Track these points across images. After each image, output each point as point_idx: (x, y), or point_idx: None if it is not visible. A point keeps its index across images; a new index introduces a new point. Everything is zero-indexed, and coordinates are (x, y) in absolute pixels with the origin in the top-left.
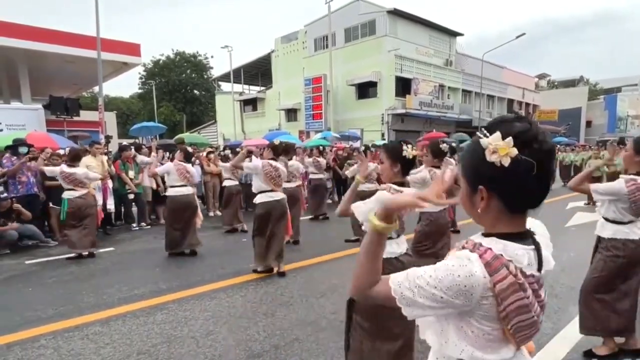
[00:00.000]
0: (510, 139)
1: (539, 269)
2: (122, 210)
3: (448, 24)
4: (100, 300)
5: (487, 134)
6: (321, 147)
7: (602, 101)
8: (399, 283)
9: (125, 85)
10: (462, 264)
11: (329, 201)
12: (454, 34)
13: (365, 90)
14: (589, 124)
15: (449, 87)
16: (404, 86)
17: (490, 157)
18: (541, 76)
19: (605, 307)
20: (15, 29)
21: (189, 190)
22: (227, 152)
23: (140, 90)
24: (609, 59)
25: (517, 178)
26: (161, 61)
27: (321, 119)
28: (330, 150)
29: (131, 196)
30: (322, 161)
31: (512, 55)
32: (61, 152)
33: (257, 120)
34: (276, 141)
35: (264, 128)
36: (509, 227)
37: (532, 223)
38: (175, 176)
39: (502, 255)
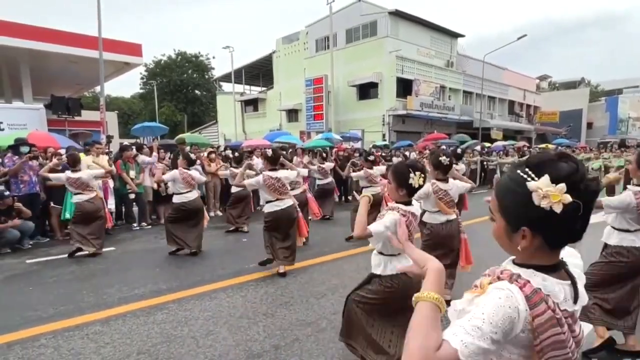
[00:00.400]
0: (563, 186)
1: (575, 302)
2: (123, 209)
3: (449, 25)
4: (101, 299)
5: (533, 176)
6: (324, 154)
7: (603, 103)
8: (454, 333)
9: (126, 85)
10: (508, 296)
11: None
12: (455, 35)
13: (366, 91)
14: (590, 125)
15: (450, 88)
16: (405, 87)
17: (541, 202)
18: (542, 78)
19: (594, 302)
20: (17, 28)
21: (194, 194)
22: (228, 152)
23: (141, 90)
24: (610, 60)
25: (564, 221)
26: (163, 61)
27: (322, 119)
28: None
29: (132, 196)
30: (327, 166)
31: (513, 57)
32: (62, 151)
33: (258, 120)
34: (268, 151)
35: (265, 128)
36: (545, 261)
37: (566, 252)
38: (181, 184)
39: (540, 289)
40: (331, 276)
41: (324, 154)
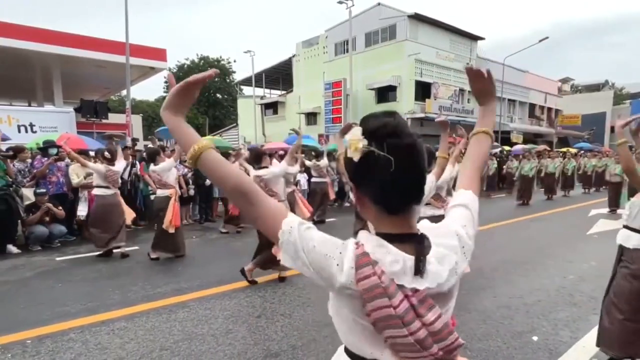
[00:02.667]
0: (358, 133)
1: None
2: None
3: (468, 28)
4: (126, 297)
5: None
6: (313, 152)
7: (628, 106)
8: (294, 220)
9: (150, 89)
10: (343, 243)
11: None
12: (475, 38)
13: (385, 94)
14: (613, 129)
15: (469, 91)
16: (423, 90)
17: (349, 153)
18: (564, 80)
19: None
20: (50, 35)
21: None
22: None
23: (165, 94)
24: (635, 62)
25: (374, 174)
26: (186, 66)
27: (341, 122)
28: None
29: (153, 196)
30: (322, 163)
31: (534, 60)
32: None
33: (277, 123)
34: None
35: (284, 131)
36: (389, 228)
37: (438, 231)
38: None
39: (369, 253)
40: None
41: (314, 152)
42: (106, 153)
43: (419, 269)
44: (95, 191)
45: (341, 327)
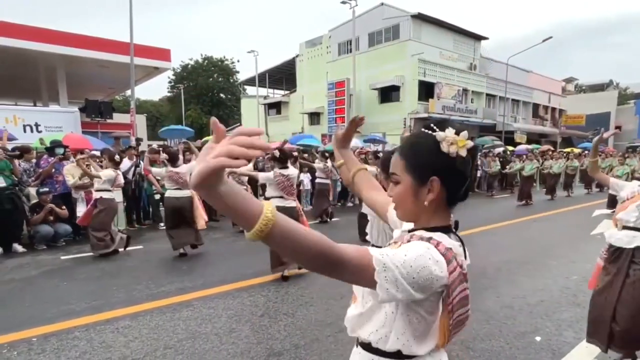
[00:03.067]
0: (466, 133)
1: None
2: (150, 210)
3: (472, 28)
4: (130, 295)
5: (437, 130)
6: (326, 154)
7: (632, 106)
8: (381, 254)
9: (154, 89)
10: (428, 247)
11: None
12: (478, 38)
13: (388, 94)
14: (619, 129)
15: (472, 92)
16: (427, 90)
17: (449, 149)
18: (568, 80)
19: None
20: (54, 35)
21: (183, 193)
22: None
23: (169, 94)
24: (639, 62)
25: (464, 170)
26: (190, 65)
27: (344, 122)
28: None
29: (157, 196)
30: (330, 165)
31: (538, 60)
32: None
33: (281, 123)
34: (276, 152)
35: (288, 131)
36: (442, 221)
37: None
38: (169, 181)
39: (451, 248)
40: None
41: (327, 154)
42: (117, 157)
43: (466, 252)
44: (102, 194)
45: (400, 331)
